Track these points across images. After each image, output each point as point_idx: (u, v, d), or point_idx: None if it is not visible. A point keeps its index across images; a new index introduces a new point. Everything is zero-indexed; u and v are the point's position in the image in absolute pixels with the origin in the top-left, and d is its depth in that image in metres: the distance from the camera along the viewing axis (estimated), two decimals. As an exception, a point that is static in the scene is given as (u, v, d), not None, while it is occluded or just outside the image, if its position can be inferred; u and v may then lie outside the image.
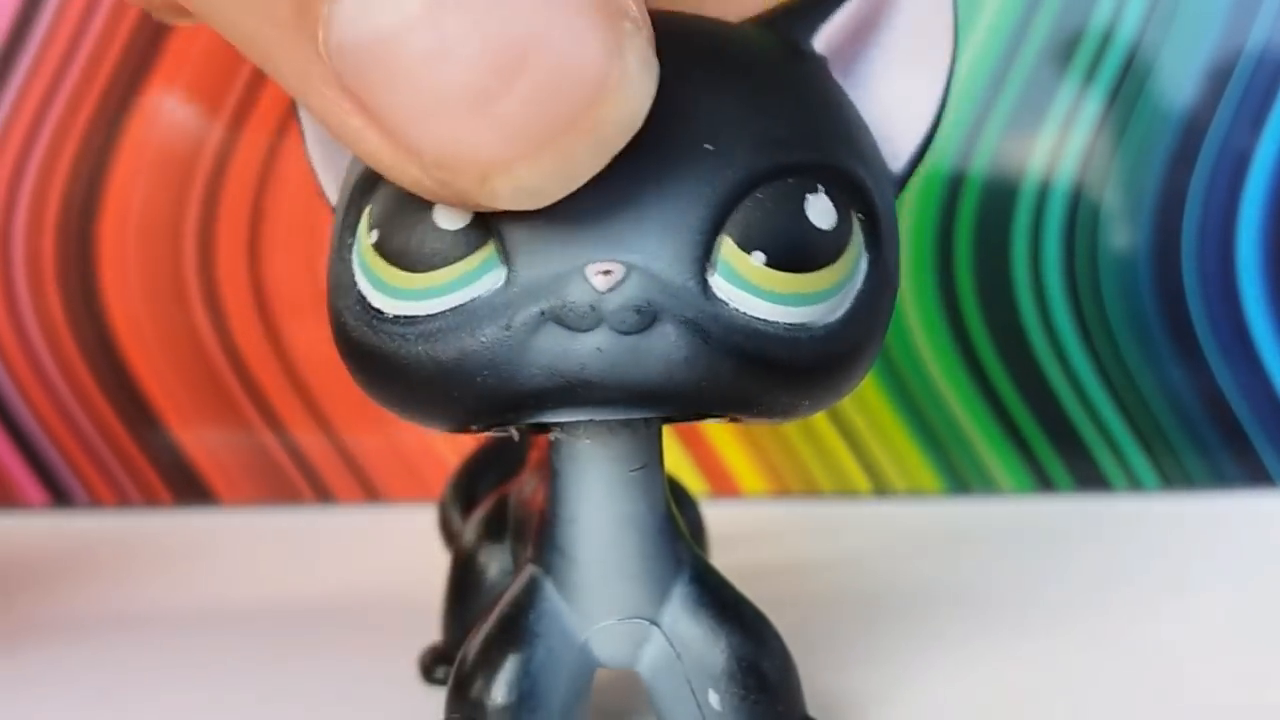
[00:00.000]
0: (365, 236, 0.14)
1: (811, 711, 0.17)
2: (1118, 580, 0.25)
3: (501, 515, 0.19)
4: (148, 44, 0.33)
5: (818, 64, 0.15)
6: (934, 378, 0.33)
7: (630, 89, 0.12)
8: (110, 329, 0.34)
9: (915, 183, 0.32)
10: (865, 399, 0.33)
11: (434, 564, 0.22)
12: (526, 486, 0.18)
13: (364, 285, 0.14)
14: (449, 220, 0.13)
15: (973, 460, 0.33)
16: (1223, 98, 0.31)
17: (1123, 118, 0.32)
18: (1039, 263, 0.32)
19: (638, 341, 0.13)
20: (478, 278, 0.13)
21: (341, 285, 0.14)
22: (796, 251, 0.13)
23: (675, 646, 0.16)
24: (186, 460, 0.34)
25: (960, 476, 0.33)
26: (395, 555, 0.29)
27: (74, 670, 0.22)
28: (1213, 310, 0.32)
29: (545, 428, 0.15)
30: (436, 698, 0.17)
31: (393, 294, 0.14)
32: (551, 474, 0.16)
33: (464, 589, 0.20)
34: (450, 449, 0.34)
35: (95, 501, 0.35)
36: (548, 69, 0.12)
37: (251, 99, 0.33)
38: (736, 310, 0.13)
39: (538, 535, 0.16)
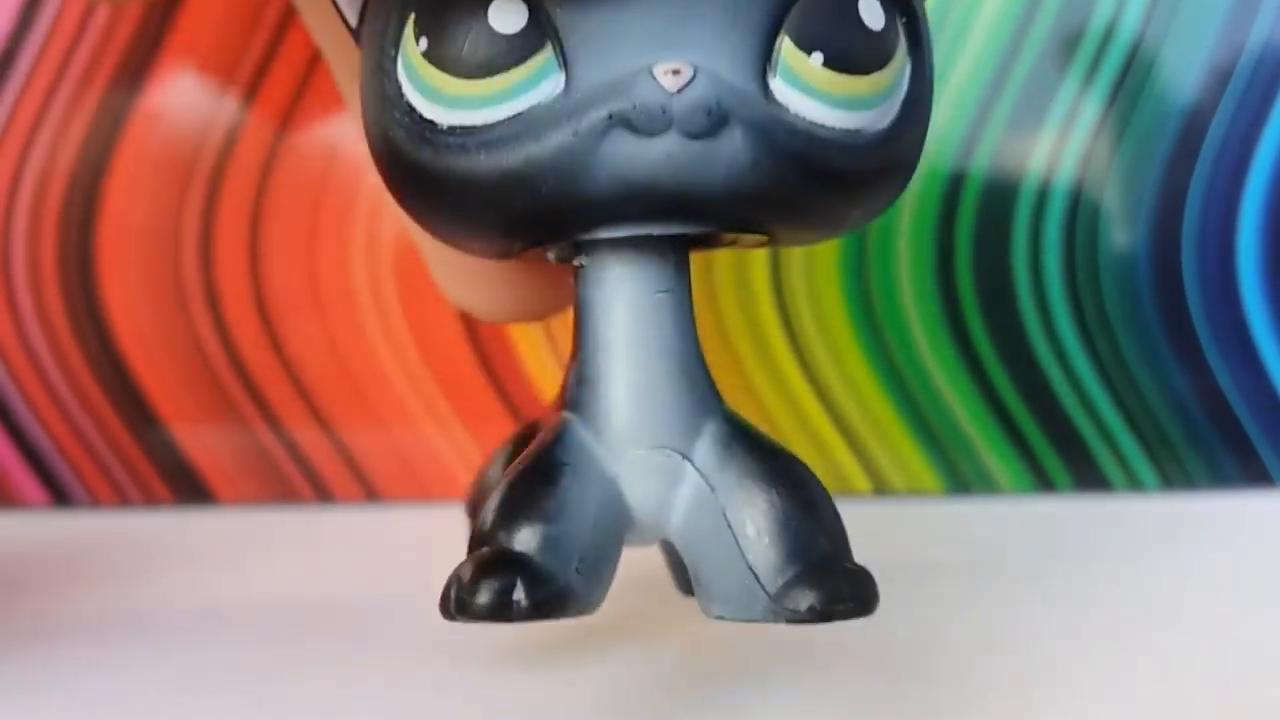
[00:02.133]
0: (413, 45, 0.13)
1: (810, 709, 0.17)
2: (1117, 580, 0.25)
3: (523, 447, 0.19)
4: (148, 44, 0.33)
5: None
6: (934, 378, 0.33)
7: None
8: (110, 329, 0.34)
9: (915, 182, 0.32)
10: (865, 399, 0.33)
11: (434, 564, 0.22)
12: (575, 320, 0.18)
13: (413, 96, 0.14)
14: (504, 22, 0.13)
15: (973, 460, 0.33)
16: (1223, 97, 0.31)
17: (1123, 118, 0.32)
18: (1039, 263, 0.32)
19: (706, 146, 0.13)
20: (537, 83, 0.13)
21: (386, 99, 0.14)
22: (853, 52, 0.14)
23: (709, 479, 0.15)
24: (186, 460, 0.34)
25: (960, 476, 0.33)
26: (395, 555, 0.29)
27: (74, 670, 0.22)
28: (1213, 310, 0.32)
29: (576, 251, 0.15)
30: (437, 697, 0.17)
31: (448, 103, 0.13)
32: (578, 307, 0.16)
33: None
34: (451, 450, 0.34)
35: (95, 501, 0.35)
36: None
37: (253, 99, 0.33)
38: (797, 115, 0.13)
39: (566, 379, 0.16)
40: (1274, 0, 0.31)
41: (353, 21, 0.15)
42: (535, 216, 0.14)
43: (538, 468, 0.15)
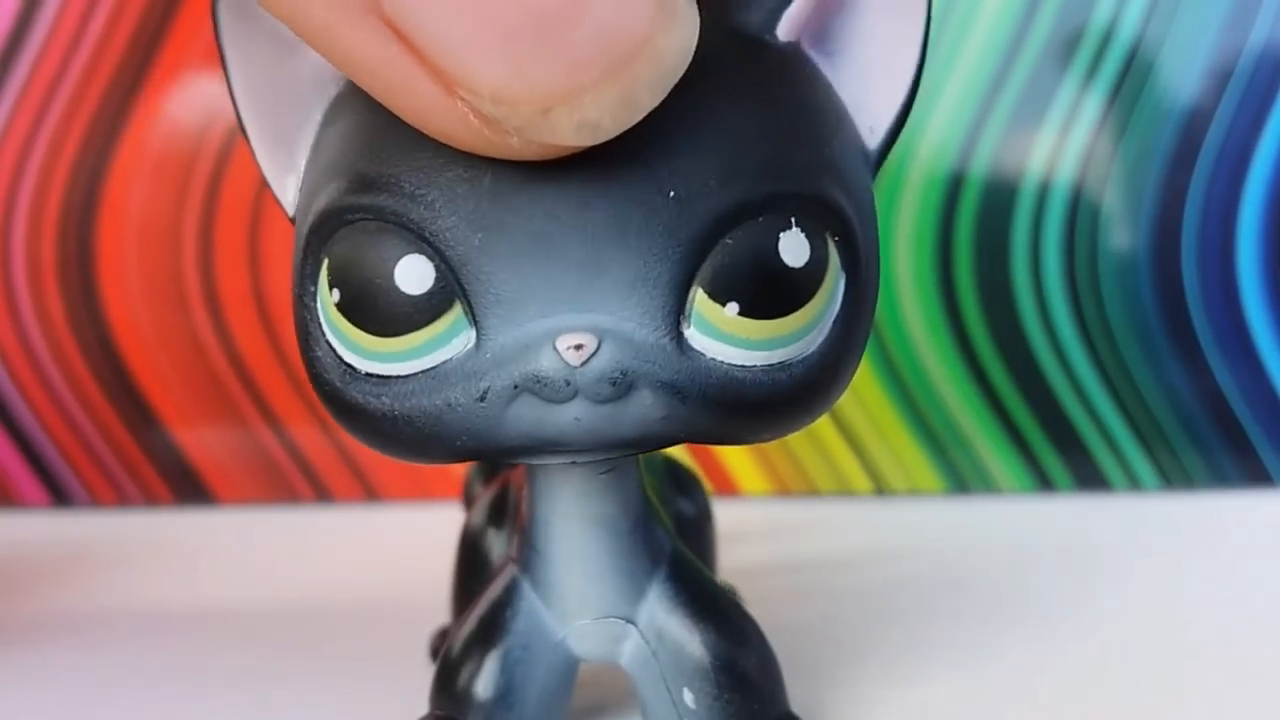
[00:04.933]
0: (327, 294, 0.13)
1: (810, 709, 0.17)
2: (1118, 580, 0.25)
3: (504, 501, 0.20)
4: (148, 43, 0.33)
5: (782, 56, 0.14)
6: (934, 378, 0.33)
7: (683, 20, 0.12)
8: (110, 329, 0.34)
9: (915, 183, 0.32)
10: (865, 399, 0.33)
11: (432, 562, 0.22)
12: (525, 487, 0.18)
13: (332, 339, 0.13)
14: (411, 283, 0.13)
15: (973, 460, 0.33)
16: (1223, 98, 0.31)
17: (1123, 118, 0.32)
18: (1039, 263, 0.32)
19: (615, 408, 0.13)
20: (447, 340, 0.13)
21: (311, 335, 0.14)
22: (771, 298, 0.13)
23: (651, 644, 0.16)
24: (186, 460, 0.34)
25: (960, 476, 0.33)
26: (394, 554, 0.29)
27: (74, 669, 0.22)
28: (1213, 310, 0.32)
29: None
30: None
31: (362, 354, 0.13)
32: (528, 475, 0.16)
33: (470, 571, 0.20)
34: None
35: (95, 501, 0.35)
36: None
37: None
38: (714, 360, 0.13)
39: (518, 534, 0.16)
40: (1273, 2, 0.31)
41: (289, 210, 0.15)
42: (457, 457, 0.14)
43: (490, 636, 0.16)
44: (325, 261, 0.13)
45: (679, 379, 0.13)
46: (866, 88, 0.14)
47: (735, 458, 0.34)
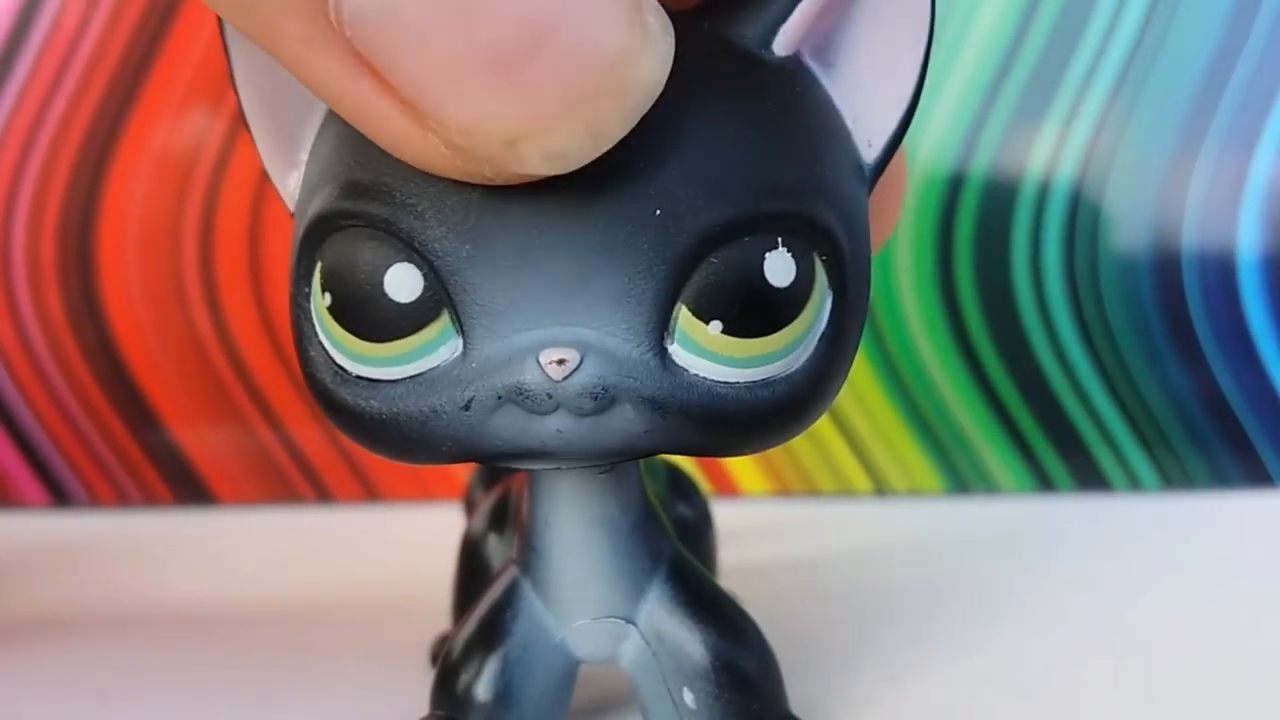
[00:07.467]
0: (319, 297, 0.13)
1: (811, 709, 0.17)
2: (1118, 580, 0.25)
3: (505, 507, 0.20)
4: (148, 44, 0.33)
5: (778, 71, 0.14)
6: (934, 378, 0.33)
7: (653, 49, 0.12)
8: (110, 329, 0.34)
9: (915, 183, 0.32)
10: (865, 399, 0.33)
11: (433, 563, 0.22)
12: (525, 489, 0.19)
13: (324, 340, 0.14)
14: (400, 291, 0.13)
15: (973, 460, 0.33)
16: (1223, 98, 0.31)
17: (1123, 118, 0.32)
18: (1039, 263, 0.32)
19: (597, 421, 0.13)
20: (434, 348, 0.13)
21: (305, 334, 0.14)
22: (754, 318, 0.13)
23: (651, 645, 0.16)
24: (186, 460, 0.34)
25: (960, 476, 0.33)
26: (394, 554, 0.29)
27: (74, 669, 0.22)
28: (1213, 310, 0.32)
29: None
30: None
31: (352, 357, 0.13)
32: (528, 477, 0.16)
33: (470, 577, 0.20)
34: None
35: (95, 501, 0.35)
36: (576, 31, 0.11)
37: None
38: (696, 376, 0.13)
39: (518, 535, 0.17)
40: (1273, 2, 0.31)
41: (290, 206, 0.15)
42: (442, 458, 0.14)
43: (490, 638, 0.16)
44: (318, 265, 0.13)
45: (660, 394, 0.13)
46: (866, 100, 0.14)
47: (735, 458, 0.34)
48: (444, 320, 0.13)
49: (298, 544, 0.31)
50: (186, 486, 0.35)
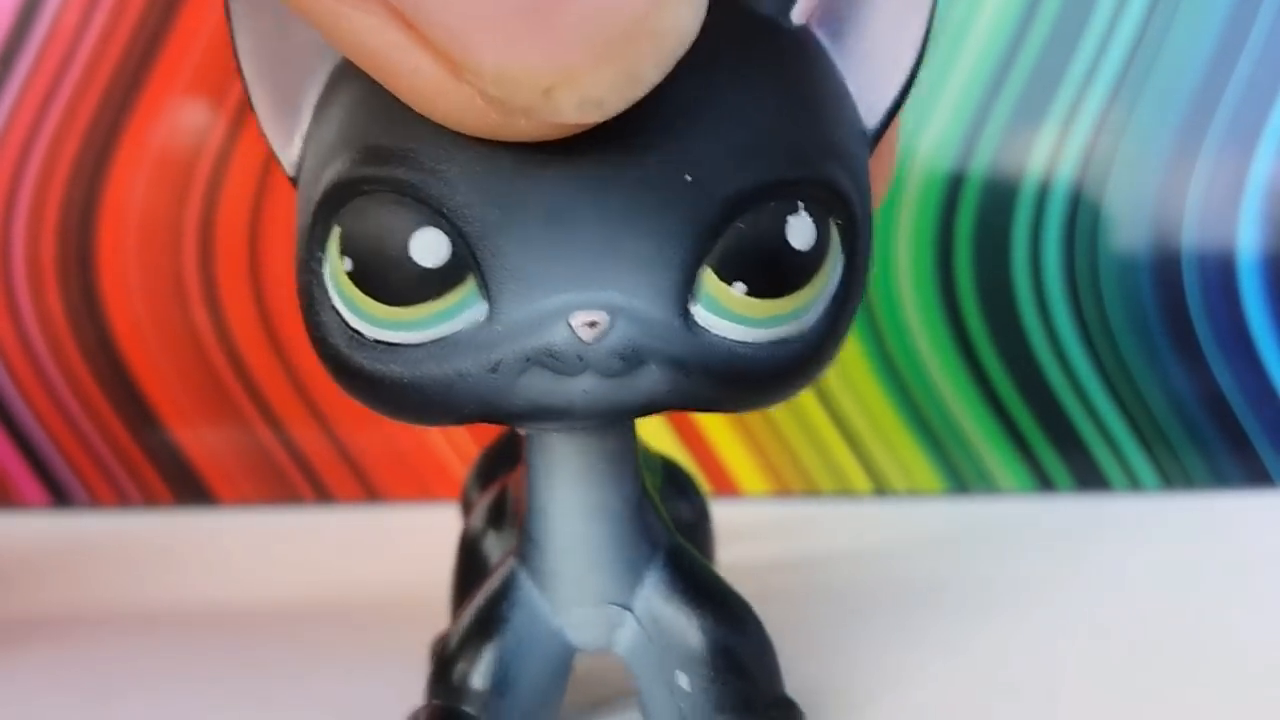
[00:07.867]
0: (338, 261, 0.13)
1: (810, 709, 0.17)
2: (1117, 580, 0.25)
3: (503, 504, 0.20)
4: (148, 44, 0.33)
5: (795, 39, 0.14)
6: (934, 378, 0.33)
7: None
8: (110, 329, 0.34)
9: (915, 182, 0.32)
10: (865, 399, 0.33)
11: (433, 563, 0.22)
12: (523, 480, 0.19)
13: (340, 306, 0.14)
14: (426, 256, 0.13)
15: (973, 460, 0.33)
16: (1223, 98, 0.31)
17: (1123, 118, 0.32)
18: (1039, 263, 0.32)
19: (621, 382, 0.13)
20: (459, 312, 0.13)
21: (316, 300, 0.14)
22: (776, 280, 0.13)
23: (648, 630, 0.16)
24: (186, 460, 0.34)
25: (960, 476, 0.33)
26: (395, 554, 0.29)
27: (74, 670, 0.22)
28: (1213, 310, 0.32)
29: None
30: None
31: (372, 322, 0.13)
32: (527, 466, 0.16)
33: (469, 574, 0.20)
34: (451, 449, 0.34)
35: (95, 501, 0.35)
36: None
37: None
38: (717, 336, 0.13)
39: (518, 526, 0.17)
40: (1273, 2, 0.31)
41: (290, 172, 0.15)
42: (461, 420, 0.14)
43: (487, 628, 0.16)
44: (337, 230, 0.13)
45: (685, 354, 0.13)
46: (870, 70, 0.15)
47: (735, 458, 0.34)
48: (470, 285, 0.13)
49: (298, 544, 0.31)
50: (186, 486, 0.35)
